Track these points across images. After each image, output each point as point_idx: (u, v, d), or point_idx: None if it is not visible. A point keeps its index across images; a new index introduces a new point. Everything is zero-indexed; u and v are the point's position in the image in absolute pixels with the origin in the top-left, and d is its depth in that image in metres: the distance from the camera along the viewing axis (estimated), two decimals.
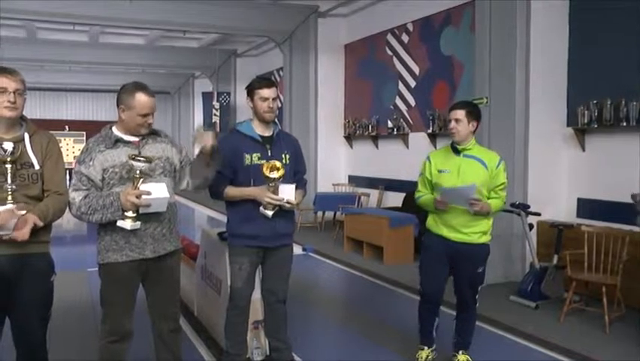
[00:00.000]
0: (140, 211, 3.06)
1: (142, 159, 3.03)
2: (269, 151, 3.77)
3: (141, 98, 3.13)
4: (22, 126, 2.93)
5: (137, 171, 3.02)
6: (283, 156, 3.81)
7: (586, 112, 6.29)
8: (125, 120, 3.17)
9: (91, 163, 3.09)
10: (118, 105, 3.19)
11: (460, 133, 3.98)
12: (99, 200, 3.04)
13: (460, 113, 3.98)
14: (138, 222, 3.07)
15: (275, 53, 13.50)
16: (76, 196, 3.05)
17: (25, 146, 2.88)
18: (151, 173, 3.14)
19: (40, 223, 2.79)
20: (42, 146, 2.94)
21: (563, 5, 6.62)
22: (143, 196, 3.01)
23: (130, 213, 3.03)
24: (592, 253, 5.28)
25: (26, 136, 2.91)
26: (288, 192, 3.68)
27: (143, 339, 3.49)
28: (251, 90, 3.79)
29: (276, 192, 3.63)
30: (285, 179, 3.72)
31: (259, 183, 3.67)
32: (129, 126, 3.18)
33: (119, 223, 3.05)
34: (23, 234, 2.72)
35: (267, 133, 3.83)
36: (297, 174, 3.94)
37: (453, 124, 4.00)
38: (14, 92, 2.83)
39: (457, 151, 4.05)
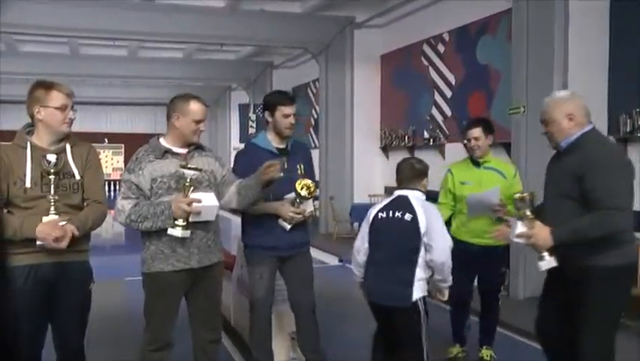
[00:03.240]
0: (190, 219, 3.11)
1: (193, 167, 3.11)
2: (285, 163, 3.79)
3: (195, 105, 3.25)
4: (64, 137, 3.02)
5: (188, 180, 3.07)
6: (298, 167, 3.86)
7: (628, 120, 6.14)
8: (180, 128, 3.24)
9: (141, 173, 3.17)
10: (170, 115, 3.26)
11: (481, 149, 4.33)
12: (150, 208, 3.10)
13: (478, 131, 4.32)
14: (188, 231, 3.12)
15: (311, 64, 13.56)
16: (125, 204, 3.14)
17: (66, 156, 2.99)
18: (198, 184, 3.19)
19: (77, 233, 2.88)
20: (82, 156, 3.05)
21: (603, 10, 6.48)
22: (194, 204, 3.06)
23: (180, 222, 3.08)
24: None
25: (68, 147, 3.01)
26: (306, 204, 3.73)
27: (183, 347, 3.52)
28: (273, 105, 3.80)
29: (299, 207, 3.68)
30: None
31: (277, 195, 3.71)
32: (182, 134, 3.25)
33: (170, 231, 3.10)
34: (62, 244, 2.82)
35: (283, 145, 3.86)
36: None
37: (473, 142, 4.32)
38: (72, 109, 2.99)
39: (477, 164, 4.38)
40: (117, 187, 19.94)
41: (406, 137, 10.57)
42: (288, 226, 3.72)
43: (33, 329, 2.93)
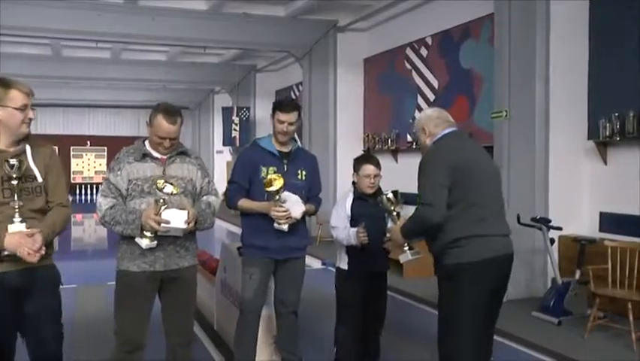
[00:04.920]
0: (159, 233, 3.14)
1: (167, 192, 3.10)
2: (285, 166, 3.82)
3: (161, 121, 3.20)
4: (23, 138, 2.89)
5: (161, 200, 3.08)
6: (299, 172, 3.87)
7: (607, 125, 6.21)
8: (148, 135, 3.30)
9: (119, 173, 3.21)
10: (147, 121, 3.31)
11: None
12: (122, 214, 3.14)
13: None
14: (154, 242, 3.16)
15: (294, 67, 13.57)
16: (103, 202, 3.18)
17: (27, 158, 2.85)
18: (173, 200, 3.17)
19: (47, 240, 2.81)
20: (45, 158, 2.92)
21: (584, 16, 6.56)
22: (162, 225, 3.08)
23: (148, 233, 3.12)
24: (616, 268, 5.19)
25: (28, 148, 2.88)
26: (294, 203, 3.71)
27: (157, 350, 3.50)
28: (273, 109, 3.87)
29: (277, 204, 3.66)
30: (301, 195, 3.79)
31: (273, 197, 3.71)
32: (151, 142, 3.29)
33: (137, 240, 3.16)
34: (34, 259, 2.72)
35: (286, 149, 3.89)
36: (311, 191, 3.96)
37: None
38: (31, 108, 2.86)
39: None
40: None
41: (389, 140, 10.60)
42: (285, 227, 3.71)
43: (4, 341, 2.84)
